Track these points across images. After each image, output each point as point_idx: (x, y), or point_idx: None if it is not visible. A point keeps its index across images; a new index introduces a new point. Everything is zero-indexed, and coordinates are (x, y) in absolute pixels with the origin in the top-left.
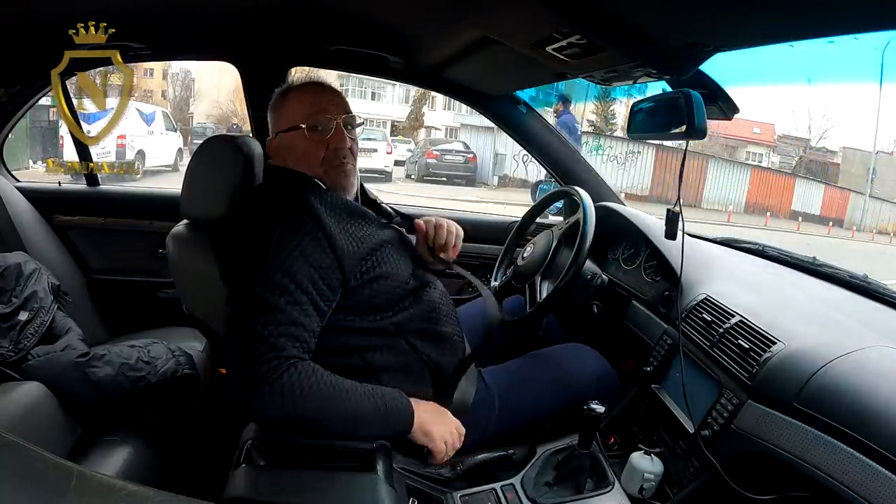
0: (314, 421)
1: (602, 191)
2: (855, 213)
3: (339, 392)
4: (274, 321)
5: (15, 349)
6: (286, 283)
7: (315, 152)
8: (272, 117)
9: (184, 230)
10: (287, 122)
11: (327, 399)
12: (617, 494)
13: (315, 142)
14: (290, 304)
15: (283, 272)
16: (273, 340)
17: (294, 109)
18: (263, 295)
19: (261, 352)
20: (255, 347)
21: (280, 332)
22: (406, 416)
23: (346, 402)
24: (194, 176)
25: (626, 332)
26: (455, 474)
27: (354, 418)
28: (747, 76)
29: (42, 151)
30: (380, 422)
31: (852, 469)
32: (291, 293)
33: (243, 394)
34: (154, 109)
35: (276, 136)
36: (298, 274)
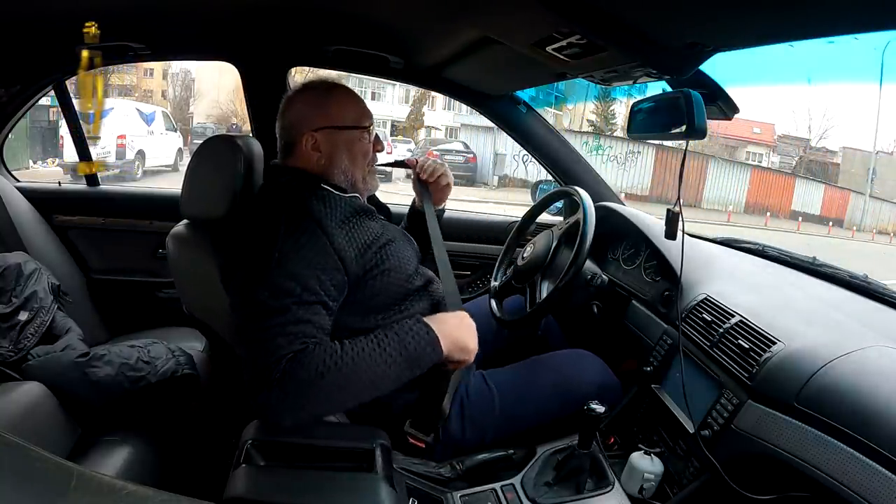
0: (337, 398)
1: (602, 191)
2: (855, 213)
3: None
4: (277, 321)
5: (15, 349)
6: (292, 286)
7: (367, 154)
8: (312, 112)
9: (184, 230)
10: (341, 119)
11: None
12: (617, 494)
13: (367, 143)
14: (298, 306)
15: (288, 275)
16: (277, 340)
17: (344, 108)
18: (269, 300)
19: (264, 356)
20: (265, 352)
21: (286, 331)
22: (431, 342)
23: (360, 367)
24: (194, 176)
25: (626, 332)
26: (455, 474)
27: (376, 377)
28: (747, 76)
29: (42, 151)
30: (405, 364)
31: (852, 469)
32: (298, 295)
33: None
34: (154, 109)
35: (321, 130)
36: (304, 276)
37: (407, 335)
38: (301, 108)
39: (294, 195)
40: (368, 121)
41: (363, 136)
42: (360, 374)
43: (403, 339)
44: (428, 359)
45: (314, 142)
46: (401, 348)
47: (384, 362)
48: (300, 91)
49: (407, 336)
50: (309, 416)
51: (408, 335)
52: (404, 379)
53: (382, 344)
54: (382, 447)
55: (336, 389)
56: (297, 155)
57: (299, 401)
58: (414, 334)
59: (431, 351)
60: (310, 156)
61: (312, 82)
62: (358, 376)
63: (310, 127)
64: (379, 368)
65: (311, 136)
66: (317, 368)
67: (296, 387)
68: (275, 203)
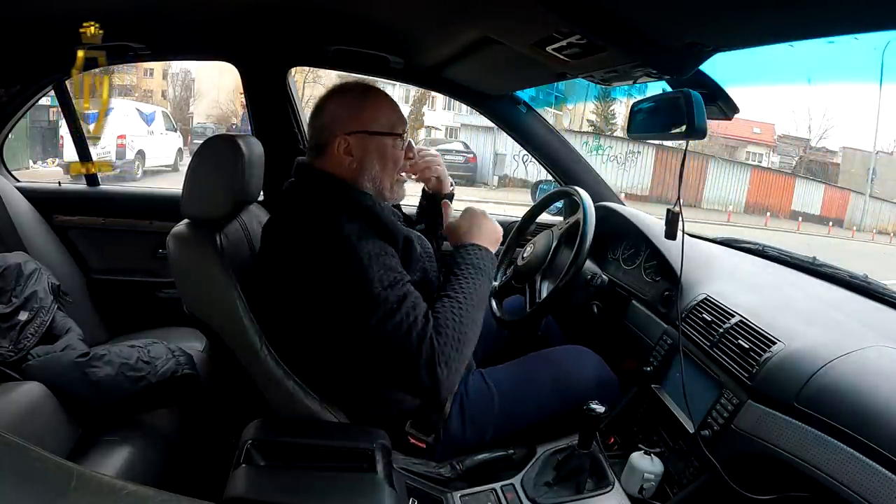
0: (476, 335)
1: (602, 191)
2: (855, 213)
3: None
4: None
5: (15, 349)
6: (392, 275)
7: (398, 162)
8: (347, 114)
9: (184, 230)
10: (375, 124)
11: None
12: (617, 494)
13: (399, 151)
14: (405, 285)
15: (383, 267)
16: (418, 323)
17: (382, 114)
18: (385, 291)
19: (416, 342)
20: (407, 339)
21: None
22: (492, 258)
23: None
24: (195, 175)
25: (626, 332)
26: (455, 474)
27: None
28: (747, 76)
29: (42, 151)
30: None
31: (852, 469)
32: (400, 279)
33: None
34: (154, 109)
35: (354, 134)
36: (391, 263)
37: (477, 261)
38: (336, 109)
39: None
40: (402, 127)
41: (396, 143)
42: (475, 307)
43: (478, 266)
44: (493, 269)
45: (346, 145)
46: (480, 272)
47: (479, 289)
48: (337, 92)
49: (478, 262)
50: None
51: (478, 261)
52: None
53: (469, 277)
54: (382, 447)
55: (473, 331)
56: (327, 156)
57: (462, 359)
58: (480, 257)
59: (492, 261)
60: (341, 159)
61: (349, 84)
62: (475, 310)
63: (343, 130)
64: (480, 296)
65: (343, 140)
66: (456, 326)
67: (456, 349)
68: (327, 207)
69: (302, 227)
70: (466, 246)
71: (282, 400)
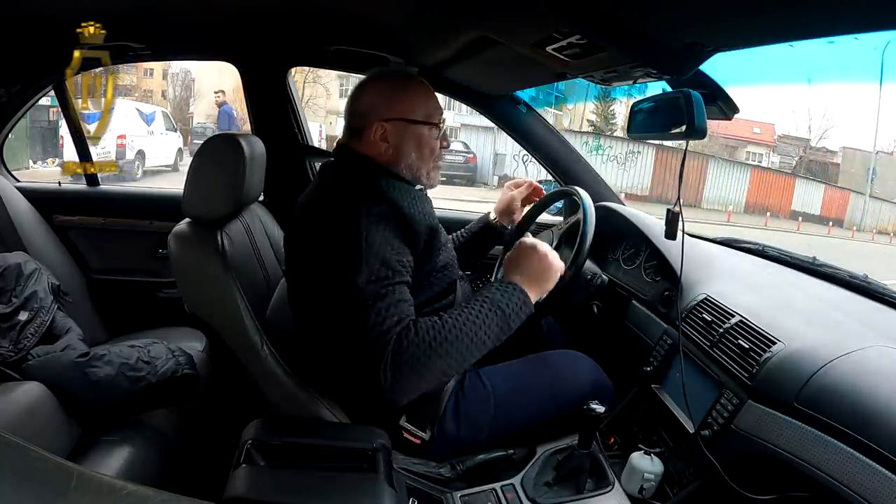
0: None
1: (602, 191)
2: (855, 213)
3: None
4: (381, 305)
5: (15, 349)
6: (385, 272)
7: (435, 149)
8: (385, 101)
9: (186, 229)
10: (413, 113)
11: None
12: (617, 494)
13: (435, 139)
14: (393, 288)
15: (379, 261)
16: (386, 322)
17: (417, 102)
18: (367, 285)
19: (373, 337)
20: (367, 334)
21: (390, 314)
22: (521, 297)
23: (463, 333)
24: (197, 175)
25: (626, 332)
26: (455, 474)
27: (478, 340)
28: (747, 76)
29: (42, 151)
30: (503, 324)
31: (852, 469)
32: (391, 279)
33: (371, 386)
34: (154, 109)
35: (392, 121)
36: (391, 260)
37: (500, 297)
38: (375, 96)
39: (368, 182)
40: (439, 116)
41: (432, 132)
42: (463, 341)
43: (498, 302)
44: (522, 314)
45: (383, 132)
46: (496, 310)
47: (484, 323)
48: (375, 78)
49: (501, 298)
50: (423, 389)
51: (501, 297)
52: (502, 338)
53: (480, 310)
54: (382, 447)
55: (444, 359)
56: (364, 141)
57: (413, 376)
58: (506, 295)
59: (524, 305)
60: (378, 145)
61: (387, 70)
62: (462, 343)
63: (381, 116)
64: (479, 334)
65: (381, 126)
66: (425, 343)
67: (409, 363)
68: (351, 190)
69: (322, 209)
70: (503, 282)
71: (282, 399)
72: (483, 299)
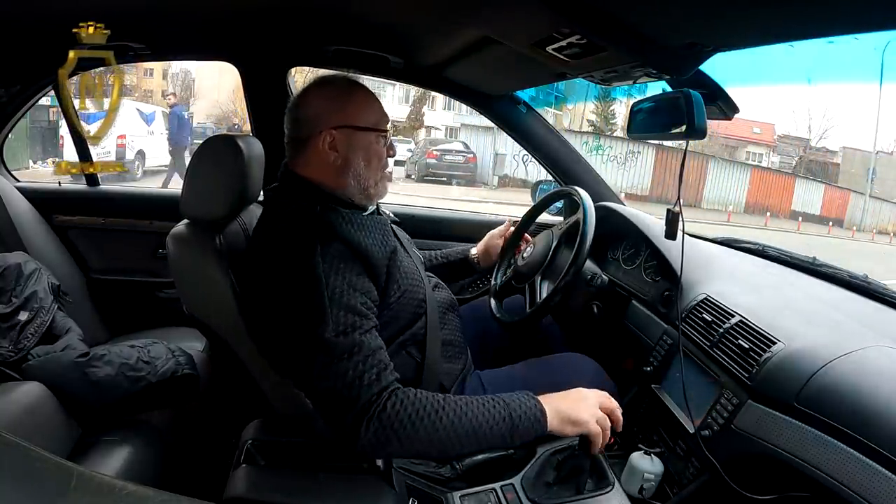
0: (430, 444)
1: (602, 191)
2: (855, 213)
3: (455, 412)
4: (358, 357)
5: (15, 349)
6: (353, 319)
7: (382, 158)
8: (332, 108)
9: (184, 230)
10: (361, 120)
11: (440, 420)
12: (617, 494)
13: (382, 148)
14: (364, 336)
15: (345, 308)
16: (366, 375)
17: (365, 109)
18: (338, 339)
19: (357, 390)
20: (350, 388)
21: (369, 365)
22: (536, 413)
23: (461, 420)
24: (195, 176)
25: (626, 332)
26: (455, 474)
27: (474, 435)
28: (747, 76)
29: (42, 151)
30: (507, 430)
31: (852, 469)
32: (360, 325)
33: (347, 433)
34: (154, 109)
35: (340, 129)
36: (357, 305)
37: (514, 401)
38: (321, 103)
39: (318, 220)
40: (386, 124)
41: (380, 140)
42: (462, 424)
43: (510, 405)
44: (531, 430)
45: (331, 140)
46: (506, 412)
47: (487, 421)
48: (319, 85)
49: (514, 402)
50: (399, 454)
51: (515, 401)
52: (500, 445)
53: (488, 404)
54: None
55: (434, 434)
56: (310, 153)
57: (396, 438)
58: (522, 403)
59: (536, 423)
60: (325, 155)
61: (333, 77)
62: (459, 426)
63: (328, 124)
64: (480, 426)
65: (329, 134)
66: (418, 411)
67: (397, 425)
68: (301, 231)
69: (274, 254)
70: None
71: (282, 399)
72: (499, 399)
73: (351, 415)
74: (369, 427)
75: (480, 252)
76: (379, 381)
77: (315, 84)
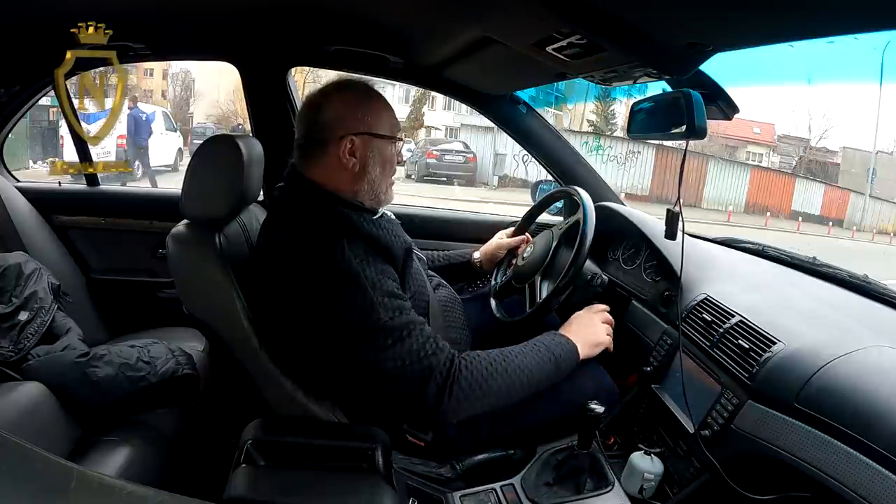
0: (501, 396)
1: (602, 191)
2: (855, 213)
3: (513, 363)
4: (416, 333)
5: (15, 349)
6: (396, 302)
7: (393, 165)
8: (353, 114)
9: (184, 230)
10: (380, 127)
11: (505, 371)
12: (617, 494)
13: (394, 155)
14: (408, 313)
15: (387, 295)
16: (428, 346)
17: (383, 117)
18: (392, 321)
19: (428, 360)
20: (420, 361)
21: (426, 337)
22: (573, 350)
23: (520, 369)
24: (195, 176)
25: (626, 332)
26: (455, 474)
27: (529, 379)
28: (747, 76)
29: (42, 151)
30: (553, 369)
31: (853, 469)
32: (403, 307)
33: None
34: (154, 109)
35: (361, 135)
36: (394, 289)
37: (551, 342)
38: (342, 108)
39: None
40: (399, 131)
41: (393, 147)
42: (522, 372)
43: (549, 346)
44: (570, 363)
45: (351, 146)
46: (549, 353)
47: (537, 365)
48: (340, 89)
49: (551, 343)
50: (478, 411)
51: (552, 343)
52: (548, 383)
53: (533, 349)
54: (382, 447)
55: (503, 386)
56: (328, 157)
57: (475, 398)
58: (557, 342)
59: (571, 355)
60: (344, 161)
61: (352, 82)
62: (521, 373)
63: (349, 130)
64: (533, 371)
65: (350, 141)
66: (487, 368)
67: (475, 385)
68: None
69: (302, 256)
70: (565, 338)
71: (281, 399)
72: (536, 343)
73: (431, 385)
74: (452, 392)
75: (484, 254)
76: (442, 350)
77: (335, 88)
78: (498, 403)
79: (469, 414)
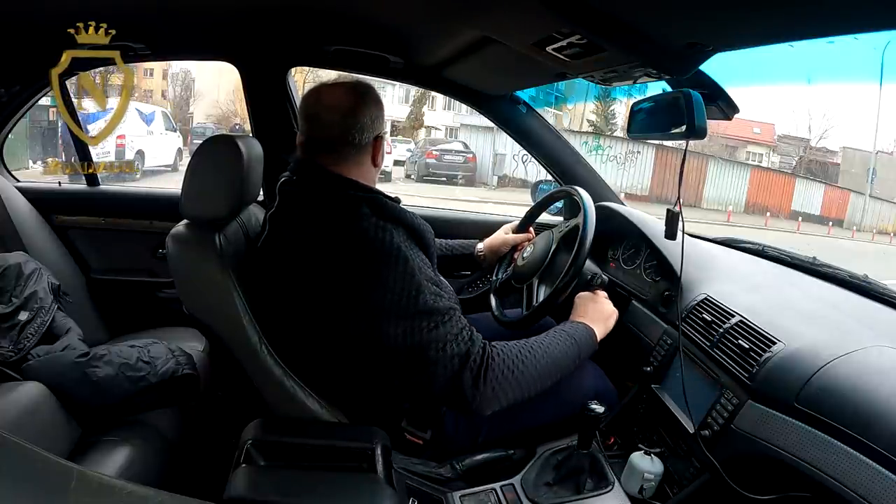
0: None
1: (602, 191)
2: (855, 213)
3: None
4: (455, 318)
5: (15, 349)
6: (436, 289)
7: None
8: (380, 116)
9: (184, 230)
10: (381, 127)
11: (534, 358)
12: (617, 494)
13: None
14: (447, 300)
15: (429, 280)
16: (464, 332)
17: (382, 116)
18: (436, 303)
19: (467, 345)
20: (459, 344)
21: (463, 323)
22: (591, 333)
23: (547, 356)
24: (194, 176)
25: (626, 333)
26: (455, 474)
27: (556, 365)
28: (747, 76)
29: (42, 151)
30: (575, 354)
31: (853, 469)
32: (442, 293)
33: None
34: (154, 109)
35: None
36: (433, 276)
37: (571, 329)
38: (373, 111)
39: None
40: None
41: (382, 144)
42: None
43: (570, 333)
44: (589, 347)
45: (373, 147)
46: (571, 340)
47: (562, 352)
48: (366, 92)
49: (571, 330)
50: (512, 400)
51: (571, 329)
52: (571, 368)
53: (556, 337)
54: (382, 447)
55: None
56: (362, 157)
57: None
58: (576, 329)
59: (590, 339)
60: (372, 160)
61: (368, 83)
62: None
63: (378, 131)
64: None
65: (380, 142)
66: (517, 356)
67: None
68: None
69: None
70: (574, 322)
71: (281, 400)
72: (557, 331)
73: (467, 372)
74: (486, 380)
75: (488, 247)
76: (478, 338)
77: (362, 91)
78: (531, 391)
79: (503, 403)
